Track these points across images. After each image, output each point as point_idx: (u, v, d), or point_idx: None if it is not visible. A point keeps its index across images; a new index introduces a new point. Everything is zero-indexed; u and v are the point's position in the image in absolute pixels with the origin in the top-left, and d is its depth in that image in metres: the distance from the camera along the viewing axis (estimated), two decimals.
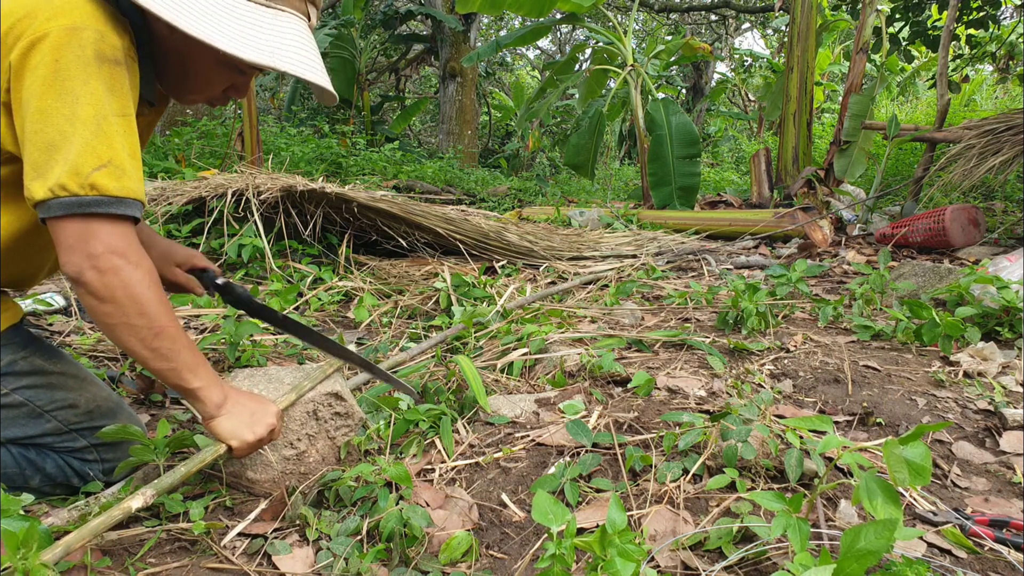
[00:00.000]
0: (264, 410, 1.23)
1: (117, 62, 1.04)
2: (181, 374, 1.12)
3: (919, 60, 8.90)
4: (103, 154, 1.01)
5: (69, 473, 1.30)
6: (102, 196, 1.01)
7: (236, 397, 1.21)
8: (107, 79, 1.03)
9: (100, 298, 1.04)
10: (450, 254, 3.44)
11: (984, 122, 4.01)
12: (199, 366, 1.15)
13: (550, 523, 0.92)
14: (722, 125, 15.35)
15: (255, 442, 1.20)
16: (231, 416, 1.18)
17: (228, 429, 1.18)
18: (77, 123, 1.00)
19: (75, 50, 1.00)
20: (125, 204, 1.04)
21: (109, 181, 1.01)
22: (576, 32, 17.39)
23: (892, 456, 0.92)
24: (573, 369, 1.91)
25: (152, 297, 1.07)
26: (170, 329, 1.09)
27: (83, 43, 1.00)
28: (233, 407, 1.19)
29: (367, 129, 10.99)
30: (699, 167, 5.91)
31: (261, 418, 1.21)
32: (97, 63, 1.02)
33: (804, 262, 2.64)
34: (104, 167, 1.01)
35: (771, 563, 1.07)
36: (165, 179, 4.27)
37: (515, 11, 6.34)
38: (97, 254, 1.01)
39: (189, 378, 1.13)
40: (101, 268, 1.02)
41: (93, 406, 1.31)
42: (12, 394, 1.23)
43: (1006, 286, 2.11)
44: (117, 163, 1.03)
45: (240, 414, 1.19)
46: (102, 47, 1.02)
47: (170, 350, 1.10)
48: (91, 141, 1.00)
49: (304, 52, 1.17)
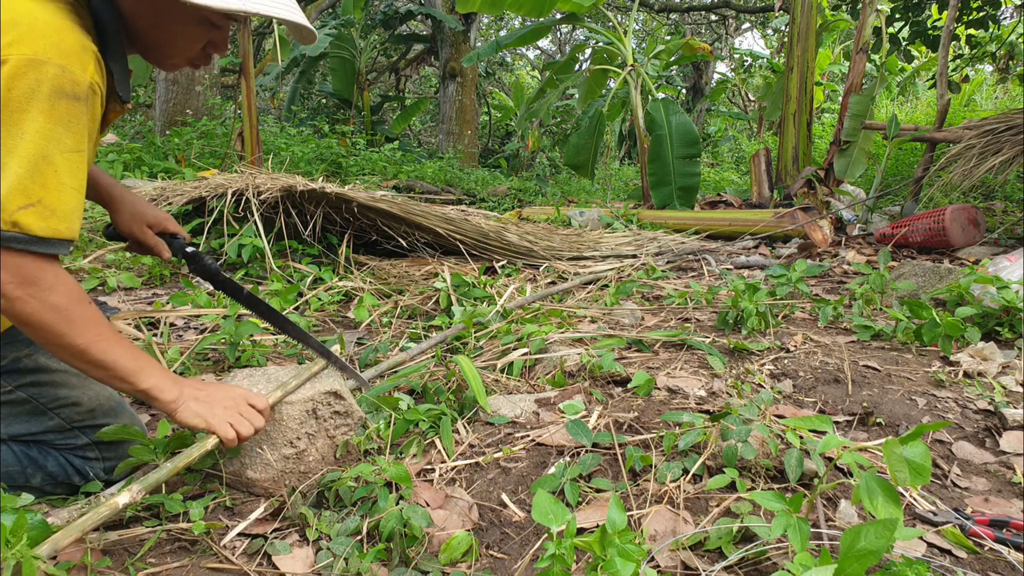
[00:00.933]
0: (219, 388, 1.23)
1: (76, 97, 1.03)
2: (126, 379, 1.13)
3: (919, 60, 8.90)
4: (33, 193, 1.00)
5: (70, 471, 1.30)
6: (21, 234, 1.00)
7: (193, 385, 1.21)
8: (62, 115, 1.01)
9: (20, 323, 1.05)
10: (450, 254, 3.44)
11: (984, 122, 4.01)
12: (142, 368, 1.14)
13: (550, 523, 0.92)
14: (722, 125, 15.35)
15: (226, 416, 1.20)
16: (190, 401, 1.19)
17: (191, 415, 1.18)
18: (16, 157, 0.99)
19: (30, 82, 0.98)
20: (48, 244, 1.03)
21: (34, 220, 1.00)
22: (576, 32, 17.39)
23: (892, 456, 0.92)
24: (573, 369, 1.91)
25: (72, 316, 1.07)
26: (98, 342, 1.09)
27: (40, 78, 0.98)
28: (191, 393, 1.19)
29: (367, 129, 10.99)
30: (699, 167, 5.91)
31: (225, 393, 1.22)
32: (53, 99, 1.00)
33: (804, 262, 2.64)
34: (32, 206, 1.00)
35: (771, 563, 1.07)
36: (165, 179, 4.28)
37: (515, 11, 6.34)
38: (4, 283, 1.01)
39: (135, 381, 1.13)
40: (9, 297, 1.02)
41: (95, 404, 1.31)
42: (15, 391, 1.23)
43: (1006, 286, 2.11)
44: (47, 203, 1.02)
45: (199, 398, 1.20)
46: (62, 82, 1.00)
47: (104, 360, 1.10)
48: (23, 179, 0.99)
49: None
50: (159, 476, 1.14)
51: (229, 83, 10.48)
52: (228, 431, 1.20)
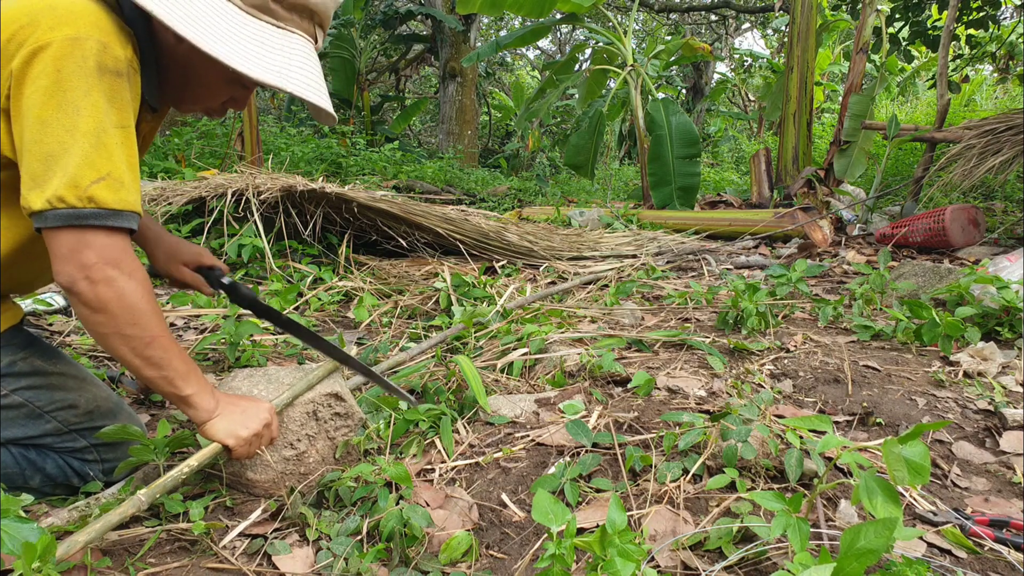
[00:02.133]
0: (257, 407, 1.24)
1: (119, 73, 1.04)
2: (173, 382, 1.13)
3: (919, 60, 8.90)
4: (102, 167, 1.01)
5: (69, 473, 1.30)
6: (99, 209, 1.01)
7: (228, 400, 1.23)
8: (108, 91, 1.03)
9: (92, 308, 1.04)
10: (450, 254, 3.44)
11: (984, 122, 4.01)
12: (190, 373, 1.16)
13: (550, 523, 0.92)
14: (722, 125, 15.35)
15: (251, 437, 1.21)
16: (223, 417, 1.20)
17: (222, 429, 1.19)
18: (77, 135, 1.00)
19: (77, 61, 0.99)
20: (122, 216, 1.04)
21: (107, 194, 1.01)
22: (576, 32, 17.39)
23: (891, 455, 0.92)
24: (573, 369, 1.91)
25: (144, 308, 1.07)
26: (162, 339, 1.10)
27: (85, 54, 1.00)
28: (225, 409, 1.20)
29: (367, 129, 10.99)
30: (699, 167, 5.91)
31: (254, 414, 1.23)
32: (98, 74, 1.01)
33: (804, 262, 2.64)
34: (103, 179, 1.01)
35: (771, 563, 1.07)
36: (165, 179, 4.28)
37: (515, 11, 6.33)
38: (90, 264, 1.02)
39: (181, 385, 1.14)
40: (93, 279, 1.02)
41: (93, 406, 1.31)
42: (12, 395, 1.23)
43: (1006, 286, 2.11)
44: (115, 176, 1.03)
45: (232, 413, 1.21)
46: (104, 58, 1.02)
47: (162, 359, 1.11)
48: (90, 153, 1.00)
49: (310, 74, 1.17)
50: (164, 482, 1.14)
51: None
52: (245, 452, 1.22)
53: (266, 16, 1.13)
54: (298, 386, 1.36)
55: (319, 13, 1.19)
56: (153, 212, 3.16)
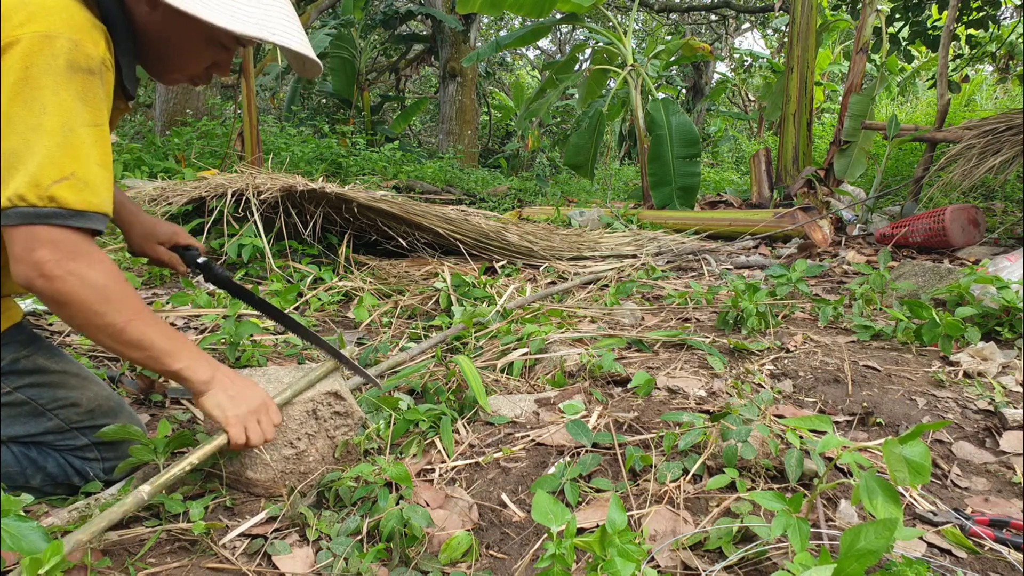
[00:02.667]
0: (251, 390, 1.23)
1: (91, 71, 1.03)
2: (160, 360, 1.12)
3: (919, 60, 8.90)
4: (66, 167, 1.00)
5: (70, 472, 1.30)
6: (60, 208, 1.00)
7: (225, 374, 1.21)
8: (79, 89, 1.02)
9: (56, 303, 1.03)
10: (450, 254, 3.44)
11: (984, 122, 4.01)
12: (177, 348, 1.14)
13: (550, 523, 0.92)
14: (722, 125, 15.35)
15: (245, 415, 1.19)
16: (219, 390, 1.18)
17: (213, 403, 1.18)
18: (42, 133, 0.98)
19: (47, 59, 0.98)
20: (85, 217, 1.03)
21: (69, 194, 1.00)
22: (576, 32, 17.39)
23: (892, 455, 0.92)
24: (573, 369, 1.91)
25: (110, 295, 1.06)
26: (135, 321, 1.08)
27: (55, 52, 0.99)
28: (221, 381, 1.19)
29: (367, 129, 10.99)
30: (699, 167, 5.91)
31: (247, 395, 1.21)
32: (68, 72, 1.00)
33: (804, 262, 2.64)
34: (66, 179, 1.00)
35: (771, 563, 1.07)
36: (165, 179, 4.28)
37: (515, 11, 6.33)
38: (43, 262, 1.00)
39: (168, 362, 1.13)
40: (49, 275, 1.01)
41: (94, 405, 1.31)
42: (14, 392, 1.23)
43: (1006, 286, 2.11)
44: (80, 176, 1.01)
45: (228, 388, 1.19)
46: (75, 56, 1.01)
47: (141, 340, 1.09)
48: (54, 152, 0.99)
49: (288, 24, 1.17)
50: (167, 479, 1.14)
51: (229, 83, 10.48)
52: (241, 435, 1.19)
53: None
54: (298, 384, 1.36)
55: None
56: (153, 212, 3.16)
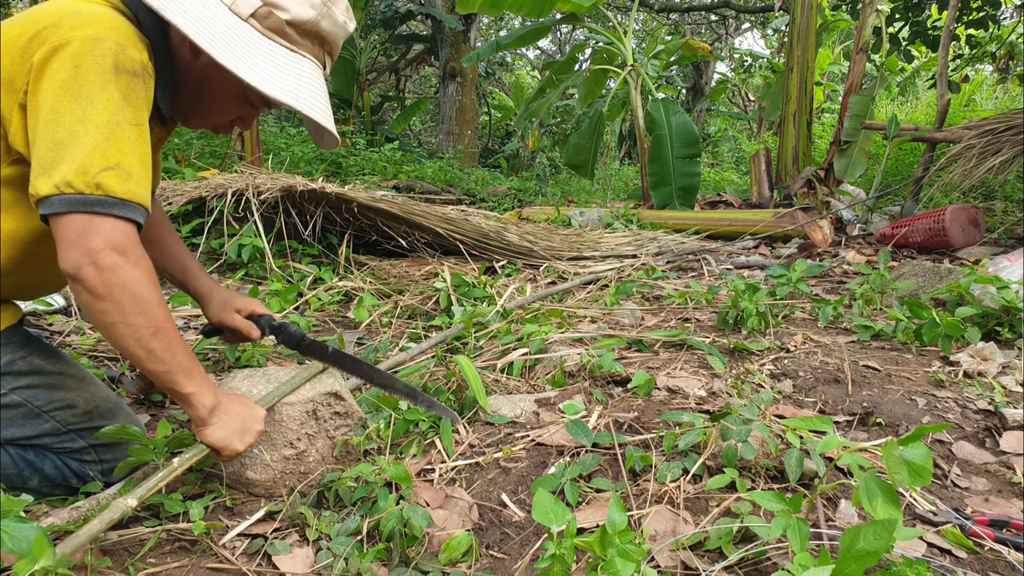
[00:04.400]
0: (253, 417, 1.24)
1: (135, 74, 1.07)
2: (175, 377, 1.13)
3: (919, 60, 8.90)
4: (112, 157, 1.03)
5: (67, 474, 1.30)
6: (106, 196, 1.02)
7: (227, 403, 1.22)
8: (124, 88, 1.05)
9: (97, 295, 1.03)
10: (450, 254, 3.44)
11: (984, 122, 4.01)
12: (194, 370, 1.15)
13: (550, 523, 0.92)
14: (722, 125, 15.35)
15: (244, 449, 1.22)
16: (223, 425, 1.19)
17: (220, 438, 1.19)
18: (89, 125, 1.02)
19: (95, 58, 1.03)
20: (129, 207, 1.04)
21: (115, 183, 1.02)
22: (576, 32, 17.39)
23: (890, 457, 0.92)
24: (573, 369, 1.91)
25: (150, 297, 1.07)
26: (167, 331, 1.10)
27: (103, 52, 1.03)
28: (224, 415, 1.20)
29: (367, 129, 10.99)
30: (699, 167, 5.91)
31: (251, 426, 1.23)
32: (115, 73, 1.04)
33: (804, 262, 2.64)
34: (112, 169, 1.02)
35: (771, 563, 1.07)
36: (165, 179, 4.28)
37: (515, 11, 6.33)
38: (97, 250, 1.01)
39: (183, 382, 1.14)
40: (100, 265, 1.02)
41: (92, 406, 1.30)
42: (11, 394, 1.22)
43: (1006, 286, 2.11)
44: (125, 167, 1.04)
45: (231, 423, 1.20)
46: (122, 59, 1.05)
47: (166, 352, 1.10)
48: (101, 143, 1.02)
49: (319, 97, 1.22)
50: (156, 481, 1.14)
51: None
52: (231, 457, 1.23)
53: (281, 39, 1.18)
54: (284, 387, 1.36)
55: (330, 41, 1.25)
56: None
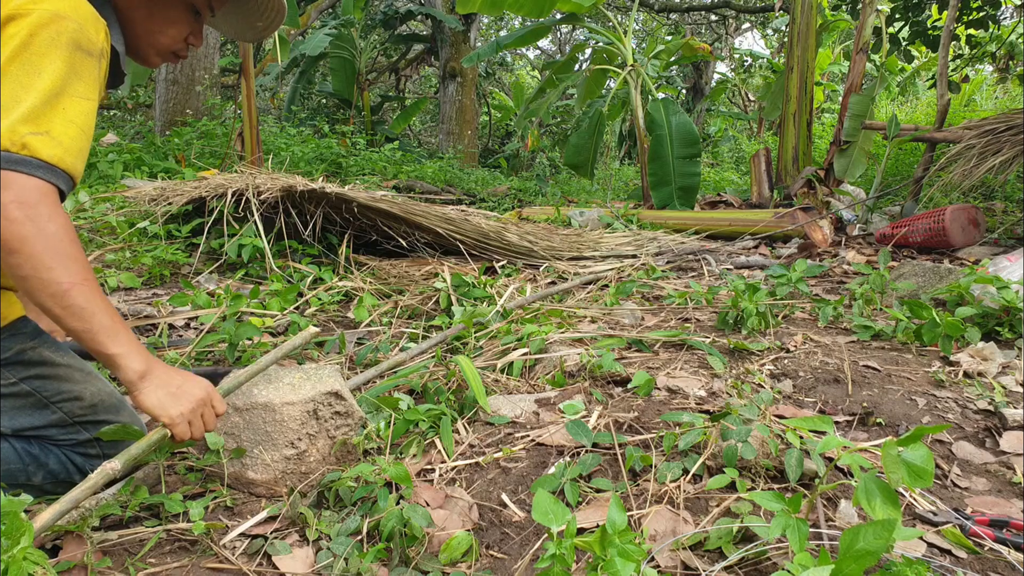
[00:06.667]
0: (192, 383, 1.20)
1: (90, 53, 1.11)
2: (97, 337, 1.09)
3: (919, 60, 8.90)
4: (43, 124, 1.05)
5: (71, 469, 1.30)
6: (30, 157, 1.03)
7: (162, 369, 1.18)
8: (76, 63, 1.09)
9: (9, 249, 1.02)
10: (450, 254, 3.44)
11: (984, 122, 4.01)
12: (118, 332, 1.12)
13: (550, 523, 0.92)
14: (722, 125, 15.35)
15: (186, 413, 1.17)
16: (156, 388, 1.15)
17: (155, 402, 1.15)
18: (32, 91, 1.04)
19: (51, 32, 1.06)
20: (52, 171, 1.05)
21: (42, 146, 1.04)
22: (576, 32, 17.38)
23: (889, 457, 0.92)
24: (573, 369, 1.91)
25: (64, 251, 1.05)
26: (83, 287, 1.07)
27: (61, 29, 1.07)
28: (157, 379, 1.16)
29: (367, 129, 10.99)
30: (699, 167, 5.90)
31: (189, 390, 1.19)
32: (69, 48, 1.08)
33: (804, 262, 2.64)
34: (41, 134, 1.04)
35: (771, 563, 1.07)
36: (165, 179, 4.28)
37: (515, 11, 6.33)
38: (6, 203, 1.01)
39: (106, 342, 1.10)
40: (10, 216, 1.01)
41: (97, 400, 1.31)
42: (19, 383, 1.23)
43: (1006, 286, 2.11)
44: (55, 135, 1.06)
45: (165, 386, 1.16)
46: (79, 37, 1.09)
47: (83, 309, 1.07)
48: (38, 108, 1.04)
49: None
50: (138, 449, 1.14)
51: (229, 83, 10.49)
52: (185, 433, 1.18)
53: None
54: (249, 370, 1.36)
55: None
56: (153, 212, 3.16)
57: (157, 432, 1.17)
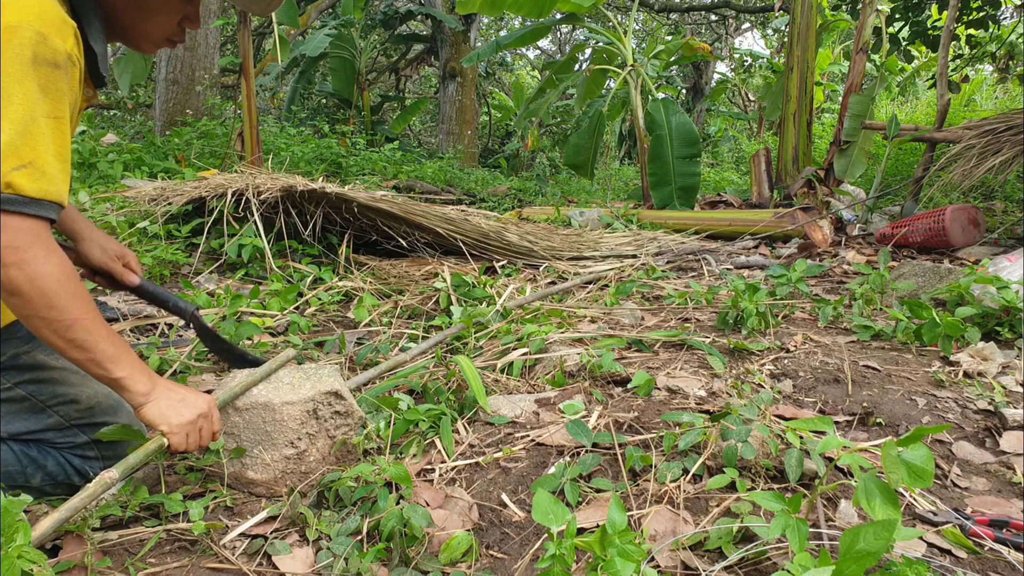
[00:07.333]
0: (194, 397, 1.23)
1: (56, 65, 1.06)
2: (102, 364, 1.12)
3: (919, 60, 8.90)
4: (25, 155, 1.02)
5: (70, 471, 1.30)
6: (16, 195, 1.01)
7: (164, 385, 1.21)
8: (42, 81, 1.04)
9: (9, 291, 1.03)
10: (450, 254, 3.44)
11: (984, 122, 4.01)
12: (121, 356, 1.14)
13: (550, 523, 0.92)
14: (722, 125, 15.34)
15: (186, 425, 1.19)
16: (158, 402, 1.18)
17: (156, 413, 1.17)
18: (4, 122, 1.01)
19: (14, 49, 1.01)
20: (40, 205, 1.04)
21: (27, 182, 1.02)
22: (576, 32, 17.38)
23: (889, 457, 0.92)
24: (573, 369, 1.91)
25: (61, 291, 1.06)
26: (84, 321, 1.09)
27: (23, 43, 1.02)
28: (161, 394, 1.19)
29: (367, 129, 10.99)
30: (699, 167, 5.90)
31: (191, 403, 1.21)
32: (34, 65, 1.03)
33: (804, 262, 2.64)
34: (24, 167, 1.02)
35: (771, 563, 1.07)
36: (165, 179, 4.28)
37: (515, 11, 6.33)
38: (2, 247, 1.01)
39: (111, 368, 1.13)
40: (6, 262, 1.01)
41: (94, 402, 1.31)
42: (15, 388, 1.24)
43: (1006, 286, 2.11)
44: (38, 165, 1.03)
45: (168, 399, 1.19)
46: (41, 49, 1.03)
47: (86, 341, 1.09)
48: (15, 140, 1.02)
49: None
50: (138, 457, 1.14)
51: (229, 83, 10.48)
52: (182, 443, 1.20)
53: None
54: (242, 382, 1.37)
55: None
56: (153, 212, 3.16)
57: (155, 441, 1.18)
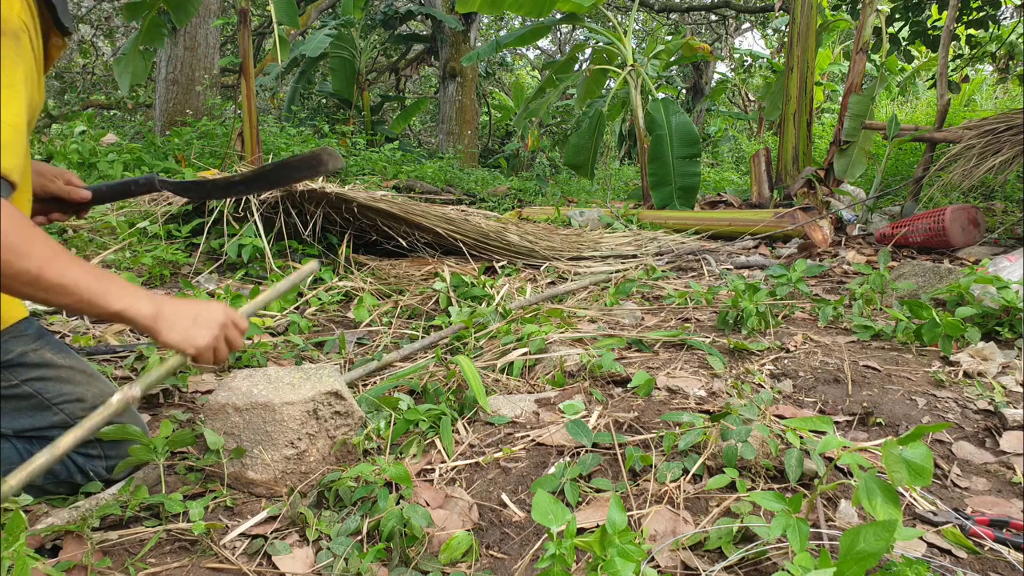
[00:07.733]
0: (208, 308, 1.17)
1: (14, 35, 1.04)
2: (94, 302, 1.06)
3: (919, 60, 8.90)
4: None
5: (72, 470, 1.30)
6: None
7: (172, 304, 1.15)
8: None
9: None
10: (450, 254, 3.44)
11: (984, 122, 4.01)
12: (111, 287, 1.08)
13: (550, 523, 0.92)
14: (722, 125, 15.34)
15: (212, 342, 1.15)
16: (174, 323, 1.13)
17: (179, 338, 1.12)
18: None
19: None
20: None
21: None
22: (576, 32, 17.38)
23: (890, 456, 0.92)
24: (573, 369, 1.91)
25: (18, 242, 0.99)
26: (54, 263, 1.02)
27: None
28: (172, 314, 1.13)
29: (367, 129, 10.99)
30: (699, 167, 5.90)
31: (208, 316, 1.16)
32: None
33: (804, 262, 2.64)
34: None
35: (771, 563, 1.07)
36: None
37: (515, 11, 6.33)
38: None
39: (105, 302, 1.06)
40: None
41: (100, 401, 1.31)
42: (21, 385, 1.24)
43: (1006, 286, 2.11)
44: None
45: (183, 319, 1.14)
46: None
47: (62, 283, 1.03)
48: None
49: None
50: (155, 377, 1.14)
51: (229, 83, 10.48)
52: (210, 358, 1.15)
53: None
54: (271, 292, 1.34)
55: None
56: (153, 212, 3.16)
57: (176, 358, 1.14)
